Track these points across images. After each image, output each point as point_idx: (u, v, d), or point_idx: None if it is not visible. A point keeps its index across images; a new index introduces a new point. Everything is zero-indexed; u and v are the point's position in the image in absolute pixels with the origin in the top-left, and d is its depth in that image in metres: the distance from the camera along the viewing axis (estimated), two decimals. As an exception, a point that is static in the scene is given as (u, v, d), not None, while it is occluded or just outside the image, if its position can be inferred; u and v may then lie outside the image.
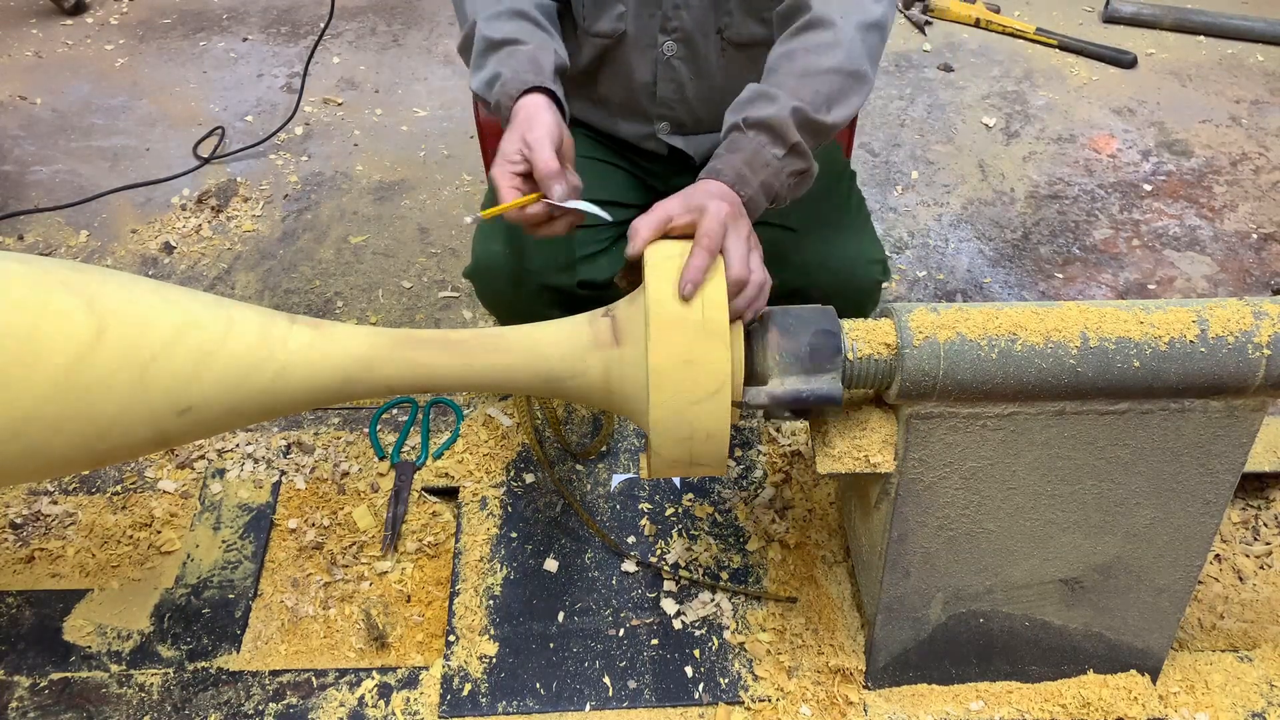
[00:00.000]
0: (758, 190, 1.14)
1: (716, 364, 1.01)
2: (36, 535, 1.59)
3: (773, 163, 1.14)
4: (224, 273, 2.20)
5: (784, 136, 1.14)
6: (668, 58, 1.39)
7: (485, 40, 1.24)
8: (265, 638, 1.47)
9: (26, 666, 1.42)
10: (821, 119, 1.16)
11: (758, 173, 1.14)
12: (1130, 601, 1.31)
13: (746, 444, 1.71)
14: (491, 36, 1.24)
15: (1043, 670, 1.39)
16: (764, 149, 1.14)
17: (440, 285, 2.17)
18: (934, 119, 2.72)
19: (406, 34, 3.03)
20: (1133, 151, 2.61)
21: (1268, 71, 2.93)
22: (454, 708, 1.38)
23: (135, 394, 1.02)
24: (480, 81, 1.24)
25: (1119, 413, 1.12)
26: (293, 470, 1.69)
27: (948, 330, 1.07)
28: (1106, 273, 2.26)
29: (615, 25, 1.37)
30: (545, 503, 1.62)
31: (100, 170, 2.48)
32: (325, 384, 1.10)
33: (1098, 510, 1.22)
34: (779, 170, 1.15)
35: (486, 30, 1.24)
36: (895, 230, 2.35)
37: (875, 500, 1.26)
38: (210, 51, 2.93)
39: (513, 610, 1.48)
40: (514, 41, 1.24)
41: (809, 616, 1.47)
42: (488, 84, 1.23)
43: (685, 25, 1.36)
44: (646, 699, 1.39)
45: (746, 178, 1.13)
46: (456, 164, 2.53)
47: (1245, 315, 1.07)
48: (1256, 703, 1.40)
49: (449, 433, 1.74)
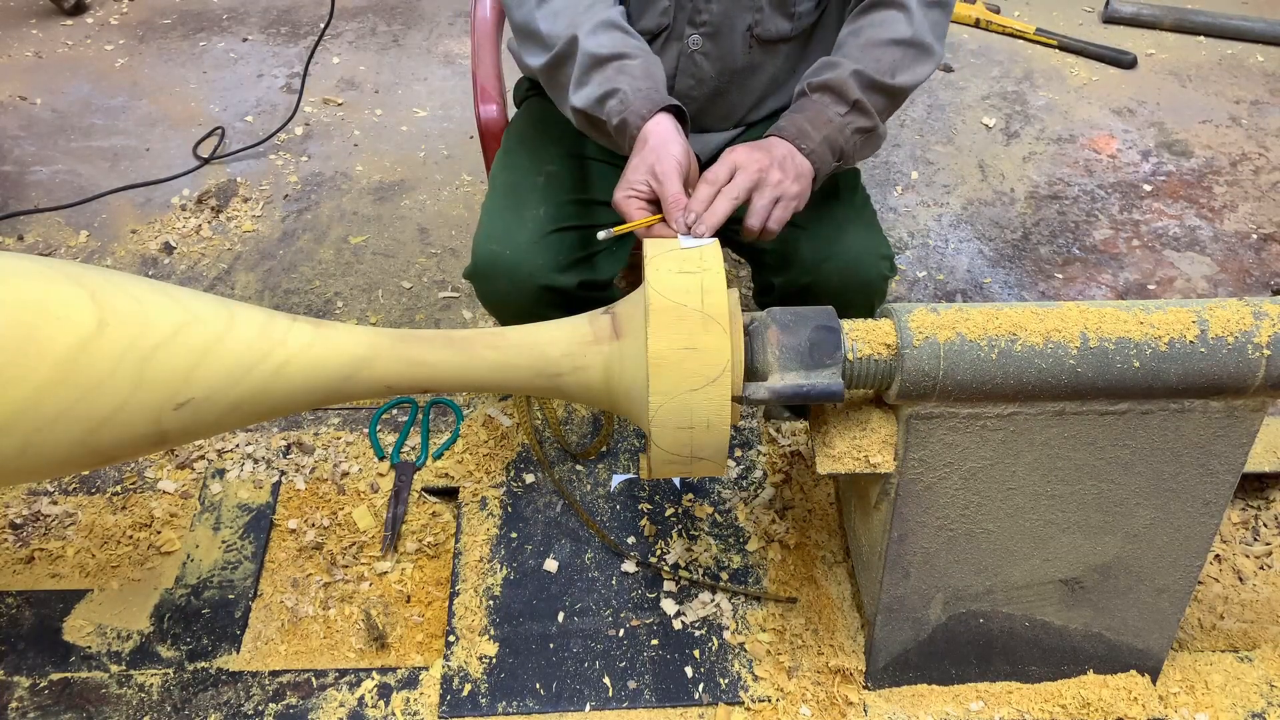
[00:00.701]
0: (820, 144, 1.21)
1: (717, 351, 1.02)
2: (36, 535, 1.59)
3: (835, 119, 1.23)
4: (224, 273, 2.20)
5: (845, 95, 1.23)
6: (691, 51, 1.39)
7: (591, 56, 1.21)
8: (265, 638, 1.47)
9: (26, 667, 1.42)
10: (886, 81, 1.25)
11: (820, 129, 1.22)
12: (1130, 602, 1.31)
13: (746, 444, 1.71)
14: (597, 52, 1.21)
15: (1043, 670, 1.39)
16: (826, 108, 1.23)
17: (440, 285, 2.17)
18: (934, 119, 2.72)
19: (406, 34, 3.03)
20: (1133, 152, 2.61)
21: (1268, 72, 2.93)
22: (454, 708, 1.38)
23: (134, 386, 1.02)
24: (589, 99, 1.22)
25: (1119, 413, 1.12)
26: (293, 470, 1.69)
27: (948, 330, 1.07)
28: (1106, 273, 2.26)
29: (660, 21, 1.38)
30: (545, 503, 1.62)
31: (100, 170, 2.48)
32: (325, 382, 1.10)
33: (1098, 510, 1.22)
34: (842, 126, 1.23)
35: (590, 45, 1.22)
36: (895, 230, 2.35)
37: (875, 500, 1.26)
38: (210, 52, 2.93)
39: (513, 610, 1.48)
40: (622, 56, 1.22)
41: (809, 617, 1.47)
42: (599, 100, 1.21)
43: (714, 19, 1.37)
44: (646, 699, 1.39)
45: (808, 133, 1.21)
46: (456, 164, 2.53)
47: (1245, 315, 1.07)
48: (1256, 703, 1.40)
49: (449, 433, 1.74)
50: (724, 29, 1.38)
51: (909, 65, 1.28)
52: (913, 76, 1.28)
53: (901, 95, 1.29)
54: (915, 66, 1.28)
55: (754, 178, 1.17)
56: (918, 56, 1.29)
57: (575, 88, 1.24)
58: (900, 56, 1.27)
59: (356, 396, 1.13)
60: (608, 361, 1.09)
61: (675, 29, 1.39)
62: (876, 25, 1.28)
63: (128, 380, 1.02)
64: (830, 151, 1.22)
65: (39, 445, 1.02)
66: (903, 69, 1.27)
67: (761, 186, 1.18)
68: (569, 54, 1.24)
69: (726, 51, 1.40)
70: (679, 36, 1.39)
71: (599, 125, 1.25)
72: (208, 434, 1.12)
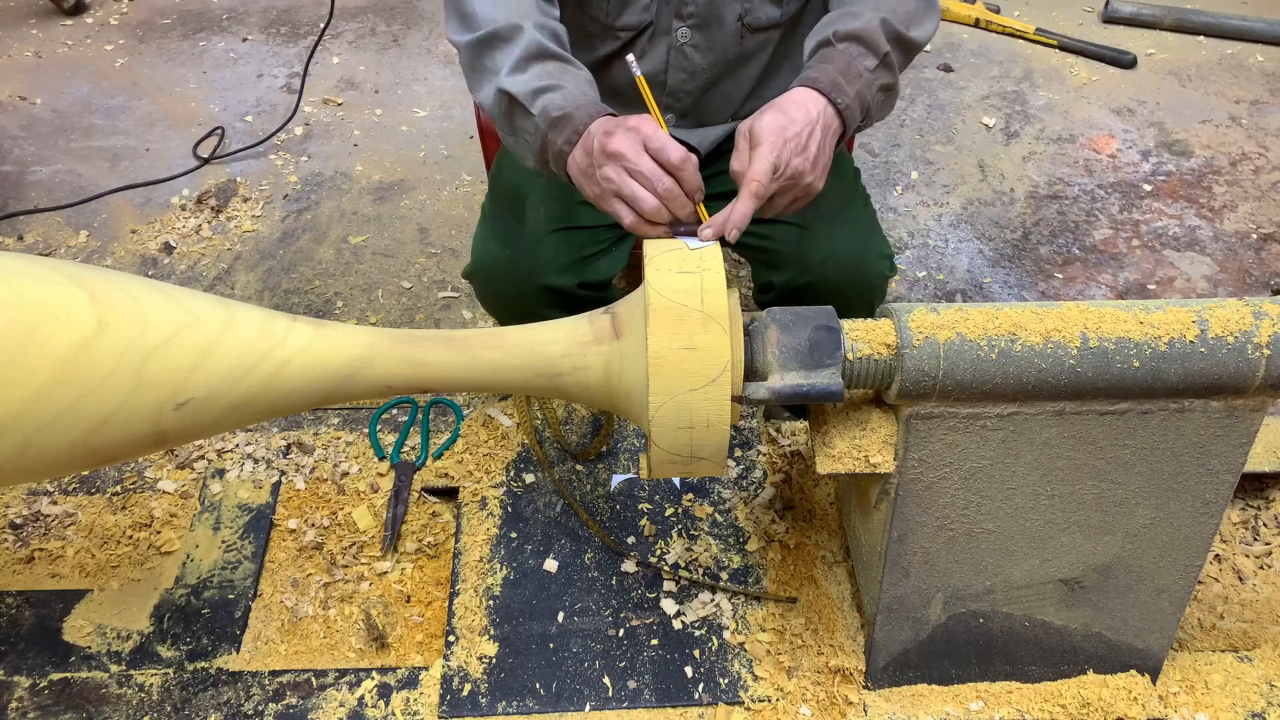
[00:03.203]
0: (854, 99, 1.14)
1: (717, 350, 1.02)
2: (36, 535, 1.59)
3: (865, 74, 1.16)
4: (224, 273, 2.20)
5: (875, 47, 1.16)
6: (681, 44, 1.37)
7: (538, 46, 1.17)
8: (265, 638, 1.47)
9: (26, 667, 1.42)
10: (907, 33, 1.19)
11: (852, 83, 1.14)
12: (1130, 601, 1.31)
13: (746, 444, 1.71)
14: (546, 45, 1.17)
15: (1042, 670, 1.39)
16: (856, 59, 1.15)
17: (440, 285, 2.17)
18: (934, 119, 2.72)
19: (406, 34, 3.03)
20: (1132, 151, 2.61)
21: (1268, 71, 2.93)
22: (454, 708, 1.38)
23: (134, 386, 1.02)
24: (526, 86, 1.15)
25: (1119, 413, 1.12)
26: (292, 470, 1.69)
27: (947, 330, 1.07)
28: (1106, 273, 2.26)
29: (642, 17, 1.35)
30: (545, 503, 1.62)
31: (100, 170, 2.48)
32: (325, 381, 1.10)
33: (1098, 510, 1.22)
34: (871, 82, 1.16)
35: (538, 36, 1.18)
36: (895, 230, 2.35)
37: (875, 500, 1.26)
38: (210, 52, 2.93)
39: (513, 610, 1.48)
40: (569, 60, 1.19)
41: (809, 617, 1.47)
42: (535, 91, 1.15)
43: (701, 10, 1.35)
44: (646, 699, 1.39)
45: (842, 86, 1.14)
46: (456, 164, 2.53)
47: (1245, 315, 1.07)
48: (1256, 703, 1.40)
49: (449, 433, 1.74)
50: (712, 20, 1.36)
51: (922, 18, 1.23)
52: (924, 31, 1.23)
53: (914, 51, 1.23)
54: (926, 20, 1.24)
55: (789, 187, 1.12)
56: (927, 10, 1.24)
57: (511, 72, 1.17)
58: (914, 7, 1.21)
59: (356, 396, 1.13)
60: (607, 361, 1.09)
61: (661, 24, 1.36)
62: None
63: (127, 380, 1.02)
64: (860, 108, 1.16)
65: (39, 445, 1.02)
66: (917, 21, 1.22)
67: (787, 193, 1.14)
68: (507, 38, 1.18)
69: (717, 42, 1.38)
70: (666, 31, 1.37)
71: (514, 116, 1.17)
72: (208, 434, 1.12)
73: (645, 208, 1.08)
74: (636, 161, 1.07)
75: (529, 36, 1.17)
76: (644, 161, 1.07)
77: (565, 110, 1.13)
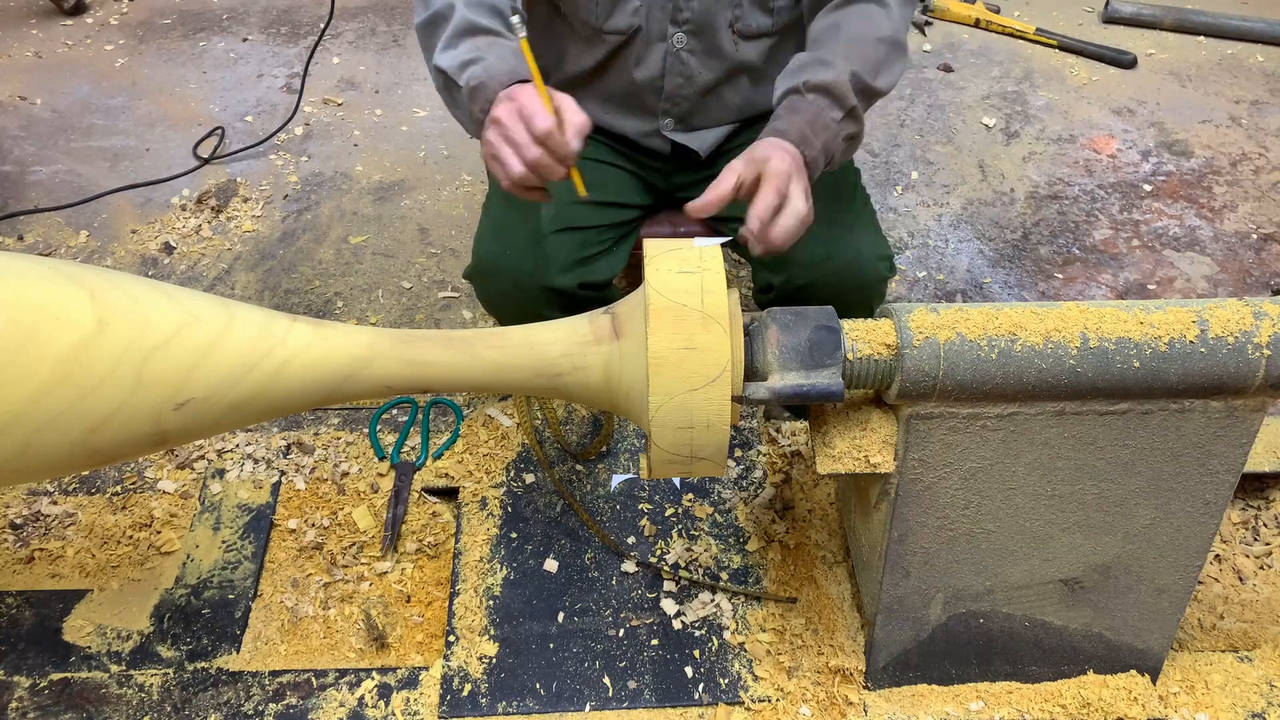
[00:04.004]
0: (819, 151, 1.18)
1: (717, 350, 1.02)
2: (36, 535, 1.59)
3: (832, 125, 1.19)
4: (224, 273, 2.20)
5: (842, 100, 1.19)
6: (677, 50, 1.39)
7: (467, 23, 1.22)
8: (265, 638, 1.47)
9: (26, 667, 1.42)
10: (873, 84, 1.22)
11: (819, 134, 1.18)
12: (1130, 602, 1.31)
13: (746, 444, 1.71)
14: (475, 21, 1.22)
15: (1043, 670, 1.39)
16: (824, 111, 1.19)
17: (440, 285, 2.17)
18: (934, 119, 2.72)
19: (406, 34, 3.03)
20: (1132, 152, 2.61)
21: (1268, 72, 2.93)
22: (454, 708, 1.38)
23: (134, 386, 1.02)
24: (454, 61, 1.20)
25: (1119, 413, 1.12)
26: (293, 470, 1.69)
27: (947, 330, 1.07)
28: (1106, 273, 2.26)
29: (631, 21, 1.37)
30: (545, 503, 1.62)
31: (100, 170, 2.48)
32: (325, 382, 1.10)
33: (1098, 510, 1.22)
34: (837, 133, 1.20)
35: (469, 14, 1.22)
36: (895, 230, 2.35)
37: (875, 500, 1.26)
38: (210, 52, 2.93)
39: (513, 610, 1.48)
40: (497, 34, 1.22)
41: (809, 617, 1.47)
42: (462, 65, 1.20)
43: (695, 16, 1.36)
44: (646, 699, 1.39)
45: (809, 138, 1.18)
46: (456, 164, 2.53)
47: (1245, 315, 1.07)
48: (1256, 703, 1.40)
49: (449, 433, 1.74)
50: (706, 25, 1.37)
51: (890, 65, 1.26)
52: (892, 78, 1.26)
53: (877, 98, 1.26)
54: (894, 66, 1.26)
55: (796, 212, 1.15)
56: (898, 56, 1.27)
57: (443, 49, 1.23)
58: (884, 55, 1.25)
59: (356, 396, 1.13)
60: (607, 361, 1.09)
61: (656, 29, 1.38)
62: (859, 20, 1.26)
63: (127, 380, 1.02)
64: (824, 159, 1.20)
65: (39, 445, 1.02)
66: (885, 69, 1.25)
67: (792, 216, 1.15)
68: (446, 17, 1.23)
69: (713, 47, 1.39)
70: (662, 37, 1.38)
71: (454, 91, 1.22)
72: (208, 434, 1.12)
73: (513, 173, 1.13)
74: (512, 129, 1.12)
75: (459, 14, 1.22)
76: (518, 131, 1.11)
77: (482, 80, 1.17)
